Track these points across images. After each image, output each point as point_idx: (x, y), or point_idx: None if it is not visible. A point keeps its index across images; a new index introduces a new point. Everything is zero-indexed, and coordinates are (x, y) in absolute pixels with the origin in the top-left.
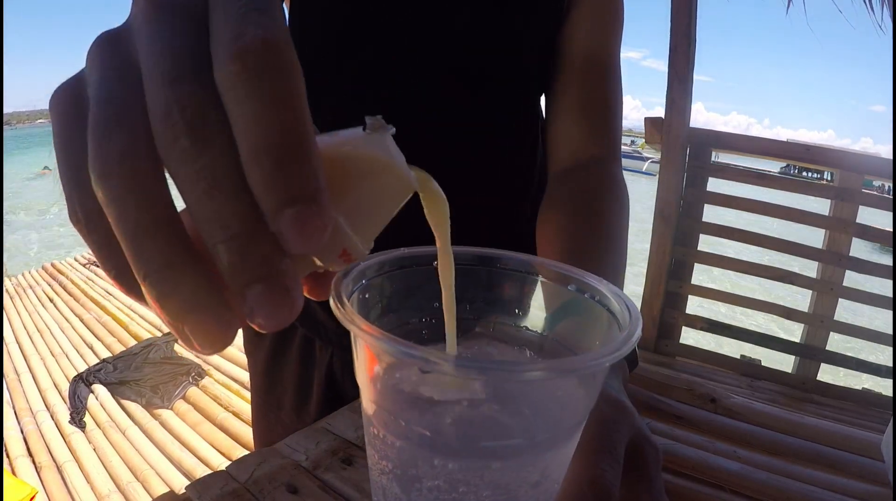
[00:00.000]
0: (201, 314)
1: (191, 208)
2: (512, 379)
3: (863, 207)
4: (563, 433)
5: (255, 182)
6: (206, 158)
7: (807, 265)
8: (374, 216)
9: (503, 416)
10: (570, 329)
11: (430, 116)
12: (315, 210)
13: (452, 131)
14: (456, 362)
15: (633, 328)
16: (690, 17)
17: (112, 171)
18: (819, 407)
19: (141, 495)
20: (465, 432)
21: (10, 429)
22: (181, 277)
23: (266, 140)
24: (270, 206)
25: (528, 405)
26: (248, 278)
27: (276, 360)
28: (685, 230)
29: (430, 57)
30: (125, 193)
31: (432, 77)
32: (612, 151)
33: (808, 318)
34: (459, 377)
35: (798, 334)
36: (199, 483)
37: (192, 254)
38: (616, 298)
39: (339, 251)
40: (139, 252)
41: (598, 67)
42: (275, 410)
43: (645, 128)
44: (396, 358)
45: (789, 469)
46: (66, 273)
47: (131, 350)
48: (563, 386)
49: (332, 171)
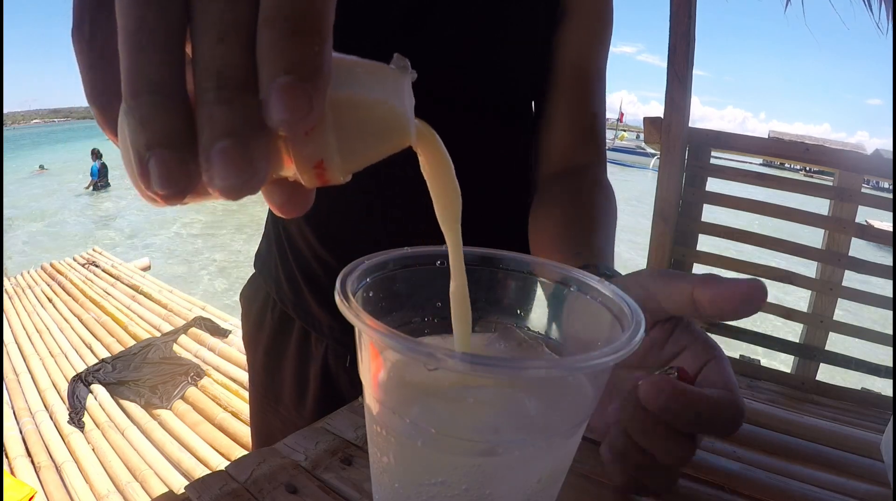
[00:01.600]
0: (170, 150)
1: (196, 53)
2: (518, 377)
3: (862, 206)
4: (566, 430)
5: (263, 43)
6: (229, 9)
7: (806, 265)
8: (363, 146)
9: (508, 413)
10: (573, 330)
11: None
12: (307, 88)
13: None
14: (462, 358)
15: (636, 327)
16: (690, 17)
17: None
18: (818, 407)
19: (140, 495)
20: (470, 429)
21: (9, 429)
22: (166, 105)
23: (288, 6)
24: (268, 70)
25: (533, 402)
26: (220, 132)
27: (275, 354)
28: (684, 230)
29: (420, 73)
30: (148, 5)
31: (424, 94)
32: (599, 156)
33: (807, 318)
34: (465, 374)
35: (797, 334)
36: (199, 483)
37: (182, 92)
38: (618, 298)
39: (315, 161)
40: (139, 67)
41: (586, 79)
42: (273, 405)
43: (644, 127)
44: (402, 355)
45: (789, 468)
46: (65, 273)
47: (130, 351)
48: (568, 385)
49: (339, 80)
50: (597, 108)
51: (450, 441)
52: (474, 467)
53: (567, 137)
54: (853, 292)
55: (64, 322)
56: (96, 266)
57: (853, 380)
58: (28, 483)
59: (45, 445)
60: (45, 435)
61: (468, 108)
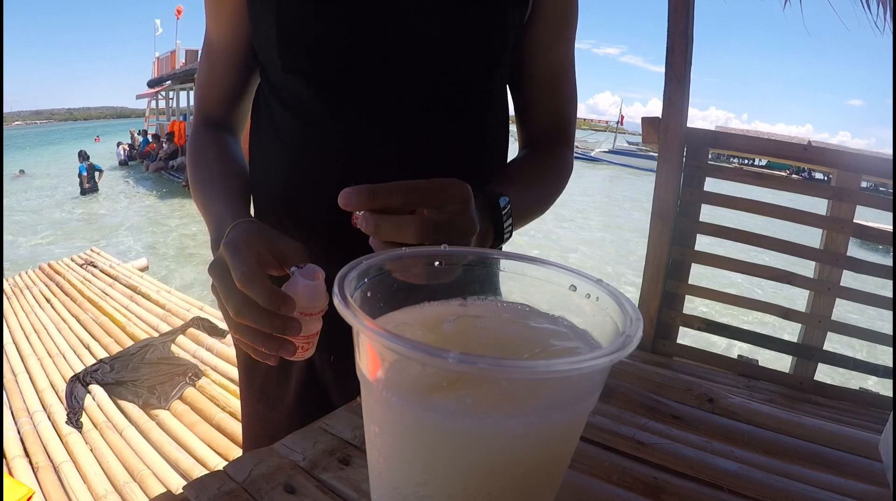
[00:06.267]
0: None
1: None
2: (514, 377)
3: (860, 206)
4: (558, 429)
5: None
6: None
7: (804, 265)
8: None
9: (502, 413)
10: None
11: (399, 119)
12: (290, 331)
13: (417, 124)
14: (459, 358)
15: (633, 329)
16: (688, 17)
17: (244, 315)
18: (816, 407)
19: (138, 495)
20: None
21: (7, 429)
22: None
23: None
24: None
25: (527, 401)
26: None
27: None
28: (683, 230)
29: (400, 68)
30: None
31: (401, 91)
32: (570, 141)
33: (805, 318)
34: (462, 372)
35: (796, 333)
36: (197, 484)
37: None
38: (614, 297)
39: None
40: (266, 327)
41: (559, 78)
42: (254, 402)
43: (642, 128)
44: (400, 355)
45: (787, 468)
46: (63, 274)
47: (128, 351)
48: (563, 384)
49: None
50: (570, 101)
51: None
52: (473, 466)
53: (543, 131)
54: (851, 292)
55: (62, 322)
56: (94, 267)
57: (851, 380)
58: (26, 483)
59: (43, 445)
60: (43, 436)
61: (430, 101)
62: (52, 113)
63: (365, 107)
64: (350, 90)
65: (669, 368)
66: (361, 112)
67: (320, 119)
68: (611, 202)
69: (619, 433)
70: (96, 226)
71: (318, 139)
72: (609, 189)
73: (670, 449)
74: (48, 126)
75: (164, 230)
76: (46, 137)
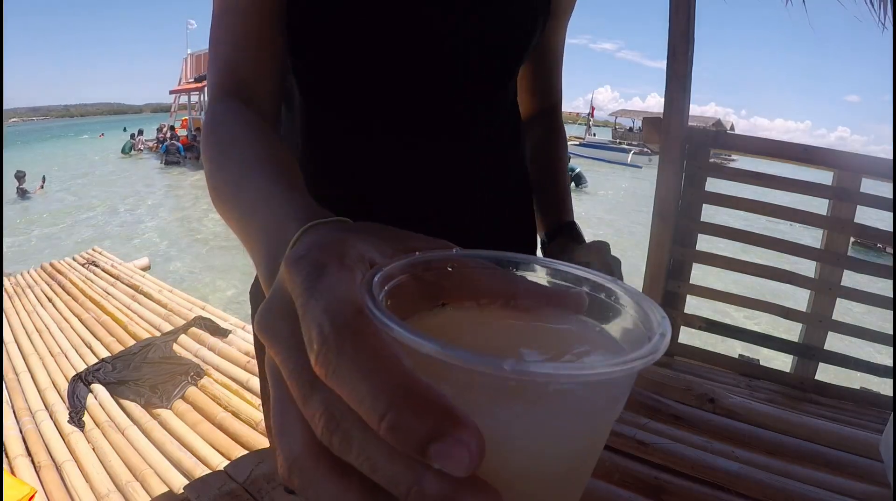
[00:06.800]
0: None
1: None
2: (573, 381)
3: (861, 207)
4: (585, 440)
5: (397, 444)
6: (356, 450)
7: (805, 265)
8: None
9: (532, 420)
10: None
11: (430, 120)
12: (452, 439)
13: (464, 118)
14: (509, 365)
15: (663, 328)
16: (689, 17)
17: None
18: (817, 407)
19: (140, 494)
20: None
21: (9, 429)
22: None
23: (384, 415)
24: (415, 453)
25: (558, 407)
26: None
27: None
28: (684, 230)
29: (427, 64)
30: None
31: (431, 87)
32: (558, 100)
33: (806, 317)
34: (515, 383)
35: (796, 333)
36: (198, 484)
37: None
38: (634, 297)
39: None
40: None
41: (554, 51)
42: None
43: (643, 128)
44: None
45: (788, 468)
46: (65, 273)
47: (130, 350)
48: (590, 394)
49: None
50: (558, 68)
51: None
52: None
53: (537, 98)
54: (851, 292)
55: (64, 322)
56: (96, 266)
57: (852, 380)
58: (28, 482)
59: (45, 444)
60: (45, 435)
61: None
62: (49, 110)
63: (414, 105)
64: (398, 89)
65: (670, 367)
66: (412, 110)
67: (368, 121)
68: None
69: (620, 433)
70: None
71: (369, 144)
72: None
73: (671, 449)
74: (44, 123)
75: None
76: (43, 133)
